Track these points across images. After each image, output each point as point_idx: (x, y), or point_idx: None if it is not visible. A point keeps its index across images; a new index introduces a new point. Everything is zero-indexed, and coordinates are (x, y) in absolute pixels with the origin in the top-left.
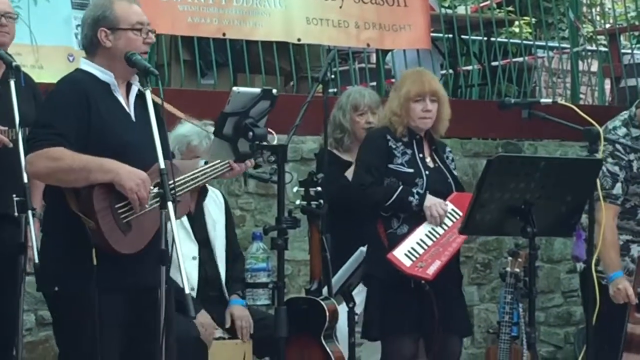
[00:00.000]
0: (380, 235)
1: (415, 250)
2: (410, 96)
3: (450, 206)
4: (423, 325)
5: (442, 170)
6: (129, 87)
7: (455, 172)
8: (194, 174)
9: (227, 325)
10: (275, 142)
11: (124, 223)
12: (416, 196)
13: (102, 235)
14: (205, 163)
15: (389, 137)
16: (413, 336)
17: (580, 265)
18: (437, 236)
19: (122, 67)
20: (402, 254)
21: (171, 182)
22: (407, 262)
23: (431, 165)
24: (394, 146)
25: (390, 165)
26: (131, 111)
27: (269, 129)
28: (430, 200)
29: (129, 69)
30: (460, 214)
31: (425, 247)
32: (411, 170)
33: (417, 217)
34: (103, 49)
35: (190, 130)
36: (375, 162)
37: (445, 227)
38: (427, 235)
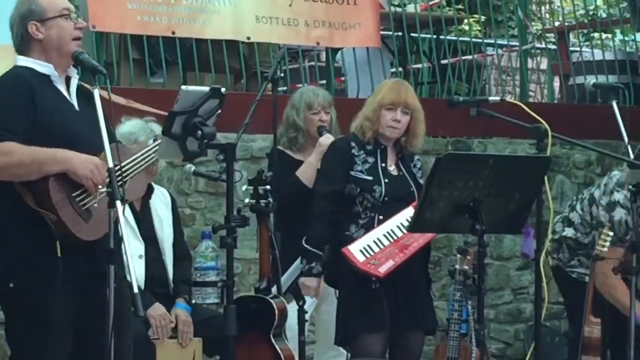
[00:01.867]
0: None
1: (370, 247)
2: (384, 103)
3: (411, 211)
4: (387, 323)
5: (405, 179)
6: (68, 78)
7: (421, 181)
8: (142, 153)
9: (172, 325)
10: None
11: (83, 211)
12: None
13: (64, 225)
14: (154, 141)
15: (353, 144)
16: (378, 334)
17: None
18: (395, 237)
19: (57, 56)
20: (357, 249)
21: (117, 165)
22: (361, 258)
23: (394, 173)
24: (356, 154)
25: (351, 172)
26: (74, 101)
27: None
28: None
29: (64, 57)
30: None
31: (382, 246)
32: (370, 178)
33: (374, 223)
34: (36, 42)
35: (134, 127)
36: (337, 170)
37: (404, 231)
38: (385, 235)
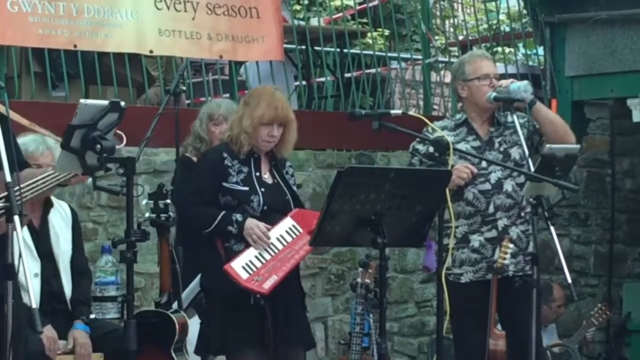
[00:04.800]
0: (218, 248)
1: (253, 263)
2: (263, 121)
3: (290, 222)
4: (264, 339)
5: (280, 187)
6: None
7: (294, 188)
8: (36, 180)
9: (70, 347)
10: (124, 144)
11: None
12: (235, 225)
13: None
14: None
15: (225, 154)
16: (256, 350)
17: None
18: (276, 251)
19: None
20: (239, 266)
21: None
22: (244, 275)
23: (269, 181)
24: (229, 164)
25: (225, 184)
26: None
27: (119, 132)
28: (248, 225)
29: None
30: (301, 230)
31: (264, 260)
32: (246, 189)
33: None
34: None
35: (28, 138)
36: (206, 182)
37: (285, 243)
38: (266, 249)
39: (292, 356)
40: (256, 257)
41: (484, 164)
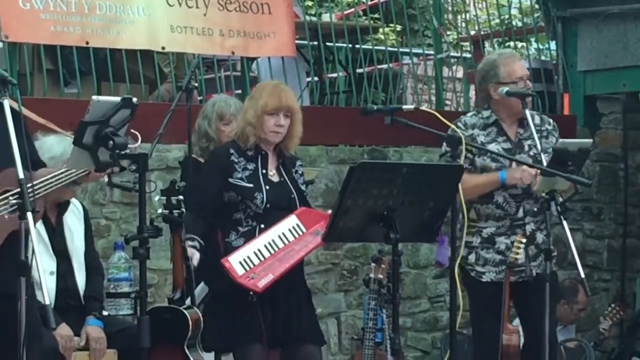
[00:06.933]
0: (219, 243)
1: (250, 259)
2: (267, 109)
3: (295, 220)
4: (264, 335)
5: (286, 186)
6: None
7: (303, 187)
8: (51, 177)
9: (82, 343)
10: (139, 143)
11: None
12: None
13: None
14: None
15: (232, 151)
16: (260, 345)
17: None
18: (276, 249)
19: None
20: (237, 261)
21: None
22: (240, 271)
23: (275, 179)
24: (236, 160)
25: (230, 180)
26: None
27: (133, 131)
28: None
29: None
30: (305, 230)
31: (262, 258)
32: (251, 185)
33: (255, 232)
34: None
35: (54, 139)
36: (214, 179)
37: (286, 241)
38: (266, 246)
39: (302, 354)
40: (255, 253)
41: (514, 165)
